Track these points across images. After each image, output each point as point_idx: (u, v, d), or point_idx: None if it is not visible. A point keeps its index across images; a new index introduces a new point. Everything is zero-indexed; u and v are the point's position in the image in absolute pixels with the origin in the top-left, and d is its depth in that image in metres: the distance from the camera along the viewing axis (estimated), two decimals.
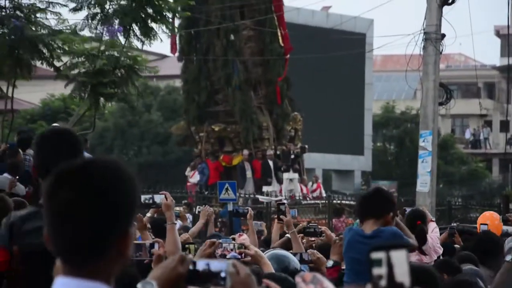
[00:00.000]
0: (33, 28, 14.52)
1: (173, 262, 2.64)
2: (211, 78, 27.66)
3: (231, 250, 5.51)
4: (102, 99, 15.61)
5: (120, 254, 2.38)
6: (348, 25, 37.74)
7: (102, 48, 14.69)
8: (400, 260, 1.74)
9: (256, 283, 2.68)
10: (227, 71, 27.12)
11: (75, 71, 15.14)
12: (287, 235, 8.34)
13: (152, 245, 5.38)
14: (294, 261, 5.75)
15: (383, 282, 1.66)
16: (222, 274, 2.59)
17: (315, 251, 7.09)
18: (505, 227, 9.06)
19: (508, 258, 6.54)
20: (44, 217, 2.40)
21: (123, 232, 2.38)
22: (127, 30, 14.79)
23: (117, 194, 2.36)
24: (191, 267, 2.62)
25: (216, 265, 2.62)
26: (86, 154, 13.75)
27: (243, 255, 5.45)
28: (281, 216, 8.28)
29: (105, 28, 14.76)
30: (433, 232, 8.64)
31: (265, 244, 9.15)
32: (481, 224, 9.31)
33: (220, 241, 5.47)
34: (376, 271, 1.69)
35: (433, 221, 9.17)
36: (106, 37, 14.81)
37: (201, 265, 2.62)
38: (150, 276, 2.64)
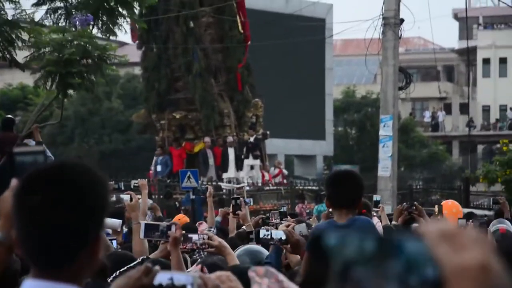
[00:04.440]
0: None
1: (138, 273, 2.60)
2: (171, 66, 27.57)
3: (201, 245, 5.52)
4: (70, 90, 15.44)
5: (91, 258, 2.35)
6: (307, 10, 37.77)
7: (70, 38, 14.48)
8: None
9: None
10: (187, 58, 27.04)
11: (43, 61, 14.85)
12: (243, 227, 8.52)
13: (169, 227, 5.35)
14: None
15: None
16: (188, 287, 2.52)
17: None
18: (460, 221, 8.90)
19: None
20: (14, 219, 2.37)
21: (95, 236, 2.35)
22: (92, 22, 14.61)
23: (89, 198, 2.33)
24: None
25: (179, 278, 2.58)
26: (32, 142, 13.76)
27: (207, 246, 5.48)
28: (237, 212, 8.51)
29: (76, 18, 14.54)
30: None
31: (221, 232, 9.30)
32: (459, 219, 9.14)
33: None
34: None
35: (375, 216, 9.22)
36: (78, 27, 14.56)
37: (164, 279, 2.58)
38: (113, 286, 2.61)
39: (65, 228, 2.30)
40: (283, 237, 5.96)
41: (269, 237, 6.03)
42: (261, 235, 6.06)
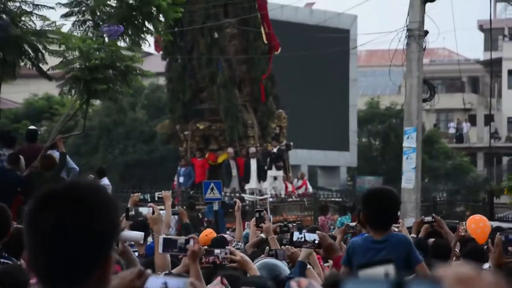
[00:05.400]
0: (18, 30, 14.39)
1: (131, 275, 2.62)
2: (196, 77, 27.65)
3: (223, 259, 5.53)
4: (94, 99, 15.50)
5: (102, 278, 2.36)
6: (332, 21, 37.79)
7: (96, 46, 14.54)
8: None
9: None
10: (212, 69, 27.12)
11: (69, 67, 14.91)
12: (261, 235, 8.62)
13: (187, 241, 5.36)
14: (285, 269, 5.80)
15: None
16: None
17: (289, 246, 7.15)
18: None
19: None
20: (25, 239, 2.37)
21: (105, 257, 2.36)
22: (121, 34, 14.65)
23: (100, 219, 2.34)
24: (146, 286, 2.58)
25: (173, 283, 2.58)
26: (56, 153, 13.84)
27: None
28: (260, 224, 8.60)
29: (106, 28, 14.58)
30: None
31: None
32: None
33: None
34: None
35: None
36: (108, 37, 14.59)
37: (157, 283, 2.58)
38: None
39: (75, 248, 2.30)
40: (317, 240, 5.98)
41: (302, 239, 6.04)
42: (294, 238, 6.08)
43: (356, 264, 5.96)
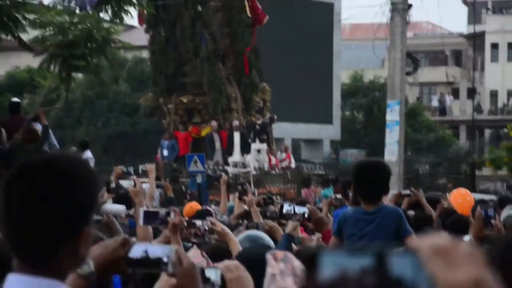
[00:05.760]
0: None
1: (115, 244, 2.59)
2: (179, 50, 27.56)
3: (204, 231, 5.57)
4: (73, 73, 15.42)
5: (76, 253, 2.30)
6: None
7: (75, 20, 14.44)
8: None
9: (199, 274, 2.61)
10: (195, 42, 27.03)
11: (47, 43, 14.83)
12: (244, 206, 8.73)
13: (167, 214, 5.38)
14: (269, 241, 5.83)
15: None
16: (165, 259, 2.53)
17: (269, 220, 7.19)
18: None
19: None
20: (0, 211, 2.30)
21: (80, 231, 2.30)
22: (99, 6, 14.57)
23: (77, 193, 2.29)
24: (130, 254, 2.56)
25: (155, 250, 2.56)
26: (38, 126, 13.81)
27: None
28: (243, 197, 8.70)
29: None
30: None
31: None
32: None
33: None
34: None
35: None
36: (87, 8, 14.50)
37: (138, 251, 2.56)
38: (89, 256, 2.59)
39: (49, 221, 2.25)
40: (307, 213, 6.02)
41: (292, 212, 6.07)
42: (284, 210, 6.11)
43: (347, 234, 6.05)
